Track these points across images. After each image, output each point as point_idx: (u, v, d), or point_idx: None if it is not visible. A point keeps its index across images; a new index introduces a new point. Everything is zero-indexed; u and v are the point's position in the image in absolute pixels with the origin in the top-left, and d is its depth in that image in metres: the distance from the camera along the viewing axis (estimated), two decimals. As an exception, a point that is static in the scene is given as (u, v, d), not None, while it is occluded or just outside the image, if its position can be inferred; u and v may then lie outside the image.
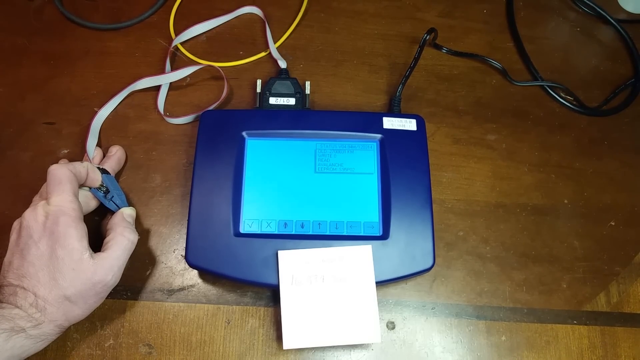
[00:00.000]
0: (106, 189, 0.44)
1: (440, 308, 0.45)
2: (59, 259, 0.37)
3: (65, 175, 0.40)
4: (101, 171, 0.44)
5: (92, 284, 0.38)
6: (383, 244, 0.43)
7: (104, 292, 0.40)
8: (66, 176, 0.40)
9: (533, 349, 0.44)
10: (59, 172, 0.40)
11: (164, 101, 0.52)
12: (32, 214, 0.39)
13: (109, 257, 0.39)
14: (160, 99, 0.52)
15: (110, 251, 0.40)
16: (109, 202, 0.44)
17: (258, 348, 0.43)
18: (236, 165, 0.46)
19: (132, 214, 0.45)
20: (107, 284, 0.39)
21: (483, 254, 0.47)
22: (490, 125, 0.53)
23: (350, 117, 0.48)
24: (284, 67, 0.53)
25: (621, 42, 0.58)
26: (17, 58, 0.54)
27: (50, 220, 0.38)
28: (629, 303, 0.46)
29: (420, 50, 0.50)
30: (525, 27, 0.58)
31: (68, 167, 0.40)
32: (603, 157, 0.52)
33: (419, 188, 0.45)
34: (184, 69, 0.52)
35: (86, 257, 0.38)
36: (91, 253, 0.39)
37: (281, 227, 0.44)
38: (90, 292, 0.38)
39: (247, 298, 0.45)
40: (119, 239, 0.41)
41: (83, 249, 0.38)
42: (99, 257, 0.39)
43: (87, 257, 0.38)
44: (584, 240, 0.48)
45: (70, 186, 0.40)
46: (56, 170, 0.40)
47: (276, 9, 0.58)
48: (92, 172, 0.43)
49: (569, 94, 0.55)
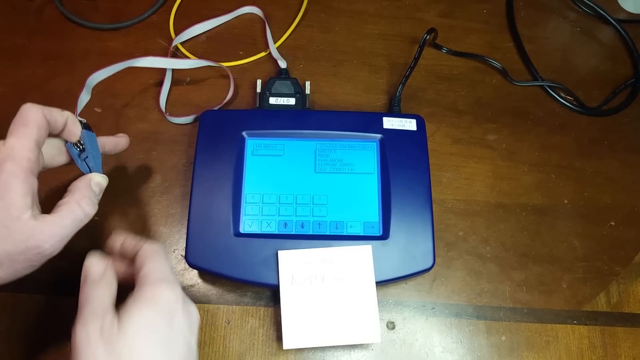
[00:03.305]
0: (82, 147, 0.38)
1: (440, 308, 0.45)
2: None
3: (35, 119, 0.33)
4: (83, 125, 0.38)
5: (25, 248, 0.32)
6: (383, 244, 0.43)
7: (37, 262, 0.34)
8: (35, 120, 0.33)
9: (533, 349, 0.44)
10: (30, 112, 0.33)
11: (165, 99, 0.52)
12: None
13: (53, 223, 0.33)
14: (162, 97, 0.52)
15: (58, 217, 0.34)
16: (82, 163, 0.38)
17: (258, 348, 0.43)
18: (236, 165, 0.46)
19: (101, 183, 0.38)
20: (42, 252, 0.33)
21: (483, 254, 0.47)
22: (490, 125, 0.53)
23: (350, 117, 0.48)
24: (284, 67, 0.53)
25: (621, 42, 0.58)
26: (17, 58, 0.54)
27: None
28: (629, 303, 0.46)
29: (420, 50, 0.50)
30: (525, 27, 0.58)
31: (43, 110, 0.34)
32: (603, 157, 0.52)
33: (419, 188, 0.45)
34: (189, 60, 0.52)
35: (26, 217, 0.32)
36: (34, 214, 0.33)
37: (281, 227, 0.44)
38: (20, 257, 0.32)
39: (247, 298, 0.45)
40: (73, 206, 0.34)
41: (25, 207, 0.32)
42: (42, 219, 0.33)
43: (27, 217, 0.32)
44: (584, 240, 0.48)
45: (35, 132, 0.33)
46: (28, 109, 0.33)
47: (276, 9, 0.58)
48: (71, 124, 0.37)
49: (569, 94, 0.55)
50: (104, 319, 0.31)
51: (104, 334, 0.30)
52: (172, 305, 0.33)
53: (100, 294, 0.33)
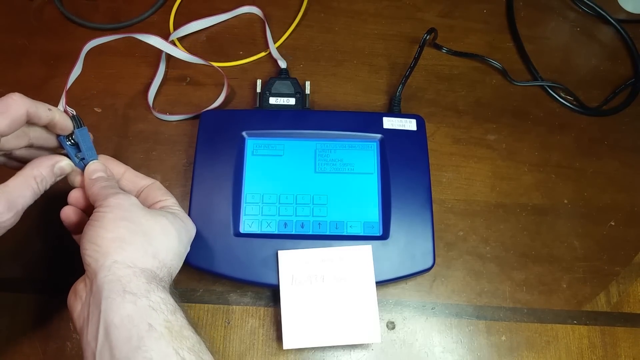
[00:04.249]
0: (74, 141, 0.38)
1: (440, 308, 0.45)
2: None
3: (17, 110, 0.32)
4: (76, 122, 0.38)
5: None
6: (383, 244, 0.43)
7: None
8: (17, 112, 0.33)
9: (533, 349, 0.44)
10: (13, 103, 0.32)
11: (154, 94, 0.52)
12: None
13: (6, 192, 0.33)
14: (151, 92, 0.52)
15: (12, 186, 0.33)
16: (79, 163, 0.38)
17: (258, 348, 0.43)
18: (236, 165, 0.46)
19: (65, 169, 0.37)
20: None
21: (483, 254, 0.47)
22: (490, 125, 0.53)
23: (350, 117, 0.48)
24: (284, 67, 0.53)
25: (621, 42, 0.58)
26: (17, 58, 0.54)
27: None
28: (629, 303, 0.46)
29: (420, 50, 0.50)
30: (525, 27, 0.58)
31: (27, 104, 0.33)
32: (603, 157, 0.52)
33: (419, 188, 0.45)
34: (184, 53, 0.51)
35: None
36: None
37: (281, 227, 0.44)
38: None
39: (247, 298, 0.45)
40: (30, 181, 0.34)
41: None
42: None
43: None
44: (584, 240, 0.48)
45: (9, 122, 0.32)
46: (12, 100, 0.32)
47: (276, 9, 0.58)
48: (61, 120, 0.36)
49: (569, 94, 0.55)
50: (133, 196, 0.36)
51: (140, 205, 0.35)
52: (191, 233, 0.39)
53: (115, 184, 0.37)
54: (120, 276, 0.31)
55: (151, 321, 0.29)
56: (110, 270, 0.31)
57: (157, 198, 0.39)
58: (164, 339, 0.29)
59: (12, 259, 0.46)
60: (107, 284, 0.30)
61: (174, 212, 0.38)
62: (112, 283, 0.30)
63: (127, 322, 0.29)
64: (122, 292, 0.30)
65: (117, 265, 0.31)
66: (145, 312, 0.29)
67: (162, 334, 0.29)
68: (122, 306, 0.29)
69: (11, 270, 0.45)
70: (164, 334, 0.29)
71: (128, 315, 0.29)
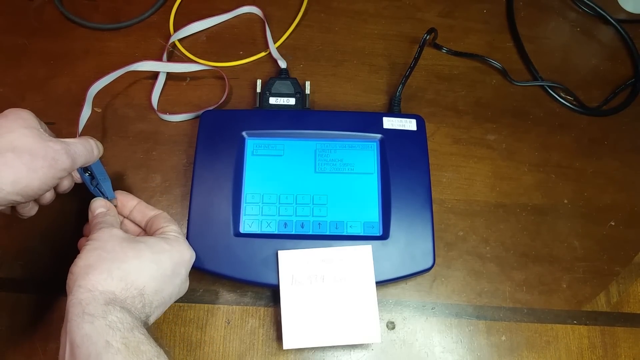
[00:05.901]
0: (90, 173, 0.41)
1: (440, 308, 0.45)
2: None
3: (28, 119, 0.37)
4: None
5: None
6: (383, 244, 0.43)
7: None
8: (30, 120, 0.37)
9: (533, 349, 0.44)
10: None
11: (158, 95, 0.52)
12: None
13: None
14: (155, 95, 0.52)
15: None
16: (94, 189, 0.42)
17: (258, 348, 0.43)
18: (236, 165, 0.46)
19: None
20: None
21: (483, 254, 0.47)
22: (490, 125, 0.53)
23: (350, 117, 0.48)
24: (284, 67, 0.53)
25: (621, 42, 0.58)
26: (17, 58, 0.54)
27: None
28: (629, 303, 0.46)
29: (420, 50, 0.50)
30: (525, 27, 0.58)
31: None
32: (603, 157, 0.52)
33: (419, 188, 0.45)
34: (187, 64, 0.52)
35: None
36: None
37: (281, 227, 0.44)
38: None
39: (247, 298, 0.45)
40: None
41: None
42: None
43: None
44: (584, 240, 0.48)
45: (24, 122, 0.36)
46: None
47: (276, 9, 0.58)
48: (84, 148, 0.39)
49: (569, 94, 0.55)
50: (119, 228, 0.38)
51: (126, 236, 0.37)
52: (187, 261, 0.39)
53: (110, 219, 0.39)
54: (81, 299, 0.33)
55: (109, 338, 0.31)
56: (74, 295, 0.33)
57: (159, 225, 0.41)
58: (120, 354, 0.31)
59: (12, 259, 0.46)
60: (71, 307, 0.32)
61: (168, 237, 0.39)
62: (74, 306, 0.32)
63: (86, 340, 0.31)
64: (82, 313, 0.32)
65: (80, 289, 0.33)
66: (103, 330, 0.31)
67: (118, 350, 0.31)
68: (81, 326, 0.31)
69: (11, 270, 0.45)
70: (120, 349, 0.31)
71: (86, 334, 0.31)
